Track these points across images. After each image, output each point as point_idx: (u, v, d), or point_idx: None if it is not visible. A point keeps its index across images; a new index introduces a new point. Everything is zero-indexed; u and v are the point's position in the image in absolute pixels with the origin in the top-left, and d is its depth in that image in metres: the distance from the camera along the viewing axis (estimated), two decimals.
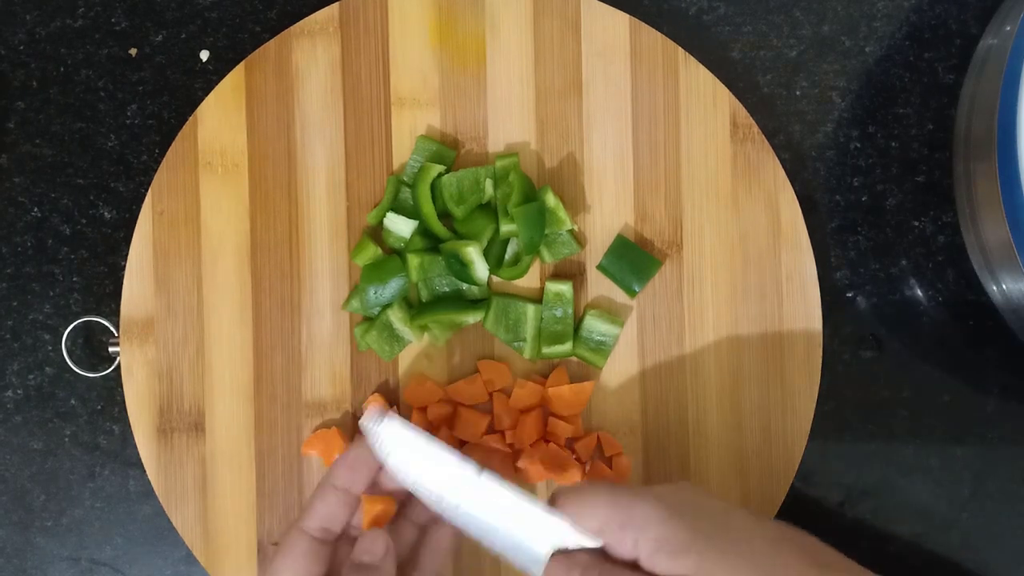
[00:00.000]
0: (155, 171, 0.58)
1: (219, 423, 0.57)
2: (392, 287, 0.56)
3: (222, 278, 0.58)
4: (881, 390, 0.59)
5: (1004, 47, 0.53)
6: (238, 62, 0.58)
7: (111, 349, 0.58)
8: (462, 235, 0.56)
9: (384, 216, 0.56)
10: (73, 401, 0.61)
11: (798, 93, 0.59)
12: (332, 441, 0.56)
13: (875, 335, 0.59)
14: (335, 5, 0.58)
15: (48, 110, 0.61)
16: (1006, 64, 0.51)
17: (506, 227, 0.55)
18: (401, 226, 0.56)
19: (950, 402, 0.59)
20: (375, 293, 0.56)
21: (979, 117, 0.55)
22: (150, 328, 0.58)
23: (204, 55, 0.61)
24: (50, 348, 0.61)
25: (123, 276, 0.58)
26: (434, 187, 0.56)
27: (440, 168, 0.56)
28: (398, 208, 0.56)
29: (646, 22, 0.57)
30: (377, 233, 0.57)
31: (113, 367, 0.58)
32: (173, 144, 0.58)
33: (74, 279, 0.61)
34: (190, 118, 0.58)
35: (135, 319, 0.58)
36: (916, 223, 0.59)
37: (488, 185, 0.56)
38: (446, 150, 0.57)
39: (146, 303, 0.58)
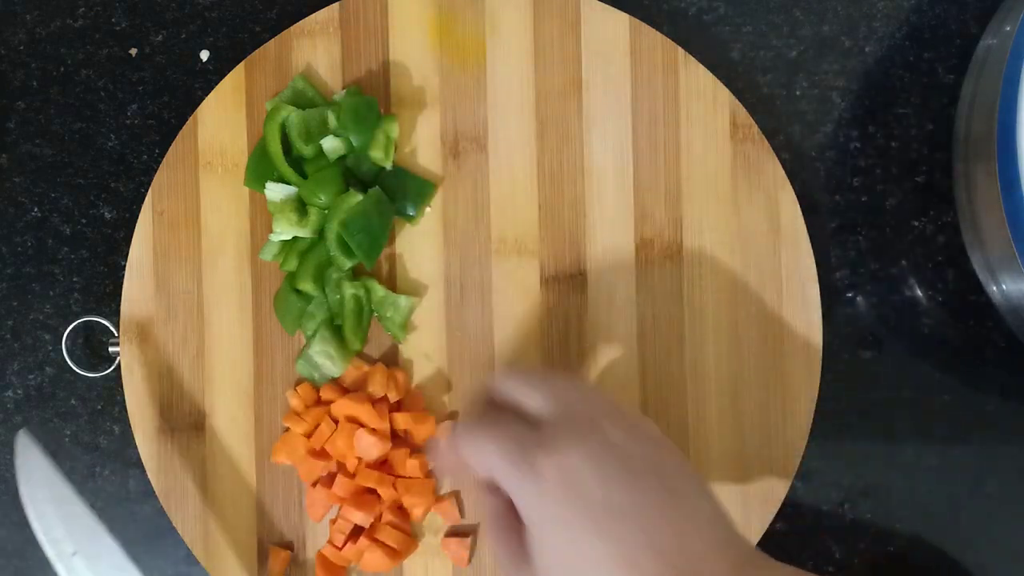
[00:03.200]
0: (155, 171, 0.58)
1: (219, 423, 0.57)
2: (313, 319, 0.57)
3: (222, 278, 0.58)
4: (881, 390, 0.59)
5: (1004, 47, 0.52)
6: (238, 62, 0.58)
7: (111, 349, 0.58)
8: (311, 181, 0.56)
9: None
10: (73, 401, 0.61)
11: (798, 93, 0.59)
12: (296, 446, 0.56)
13: (875, 335, 0.59)
14: (335, 5, 0.58)
15: (48, 110, 0.61)
16: (1006, 64, 0.51)
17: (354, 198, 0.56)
18: (276, 193, 0.56)
19: (950, 402, 0.59)
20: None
21: (979, 117, 0.54)
22: (150, 328, 0.58)
23: (204, 55, 0.61)
24: (50, 348, 0.61)
25: (123, 276, 0.58)
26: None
27: (291, 108, 0.56)
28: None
29: (646, 22, 0.57)
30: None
31: (113, 367, 0.58)
32: (173, 144, 0.58)
33: (74, 279, 0.61)
34: (190, 118, 0.58)
35: (135, 319, 0.58)
36: (916, 223, 0.59)
37: (331, 119, 0.56)
38: (320, 98, 0.57)
39: (146, 303, 0.58)
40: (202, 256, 0.58)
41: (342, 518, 0.56)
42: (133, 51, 0.61)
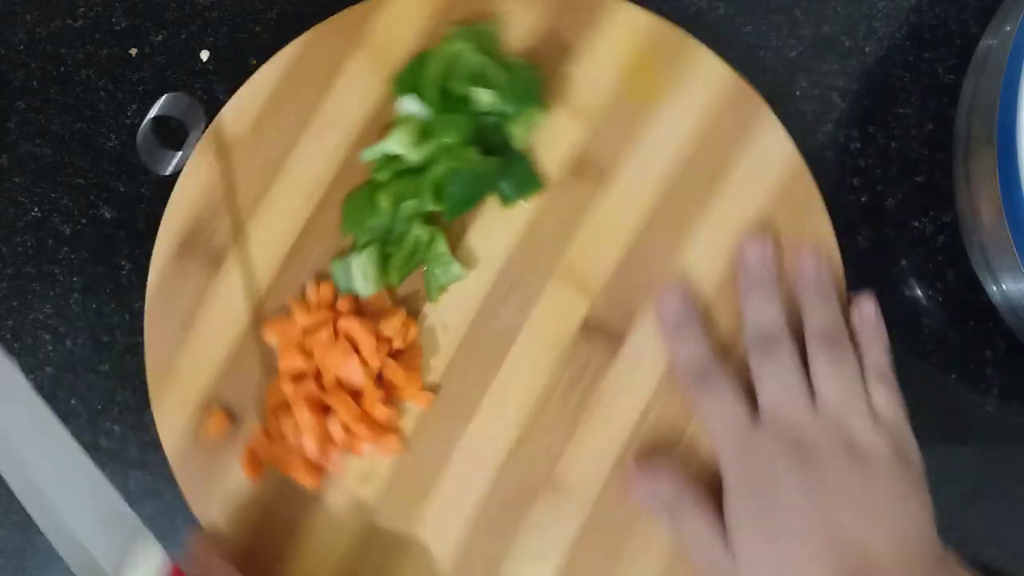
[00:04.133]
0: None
1: (235, 271, 0.58)
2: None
3: (320, 142, 0.58)
4: None
5: (1004, 47, 0.53)
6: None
7: (179, 153, 0.59)
8: (448, 117, 0.55)
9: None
10: (73, 401, 0.61)
11: (798, 93, 0.59)
12: (290, 333, 0.56)
13: None
14: None
15: (48, 110, 0.61)
16: (1006, 64, 0.51)
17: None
18: (410, 106, 0.56)
19: (950, 402, 0.59)
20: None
21: (979, 117, 0.55)
22: (231, 148, 0.58)
23: (204, 55, 0.61)
24: (50, 348, 0.61)
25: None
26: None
27: (471, 45, 0.56)
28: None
29: None
30: None
31: (173, 167, 0.58)
32: (339, 15, 0.58)
33: (74, 279, 0.61)
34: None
35: (223, 133, 0.58)
36: (916, 223, 0.59)
37: (495, 75, 0.55)
38: (497, 52, 0.57)
39: (242, 120, 0.58)
40: (314, 116, 0.57)
41: (291, 415, 0.56)
42: (133, 51, 0.61)
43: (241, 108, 0.58)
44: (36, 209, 0.61)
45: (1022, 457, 0.58)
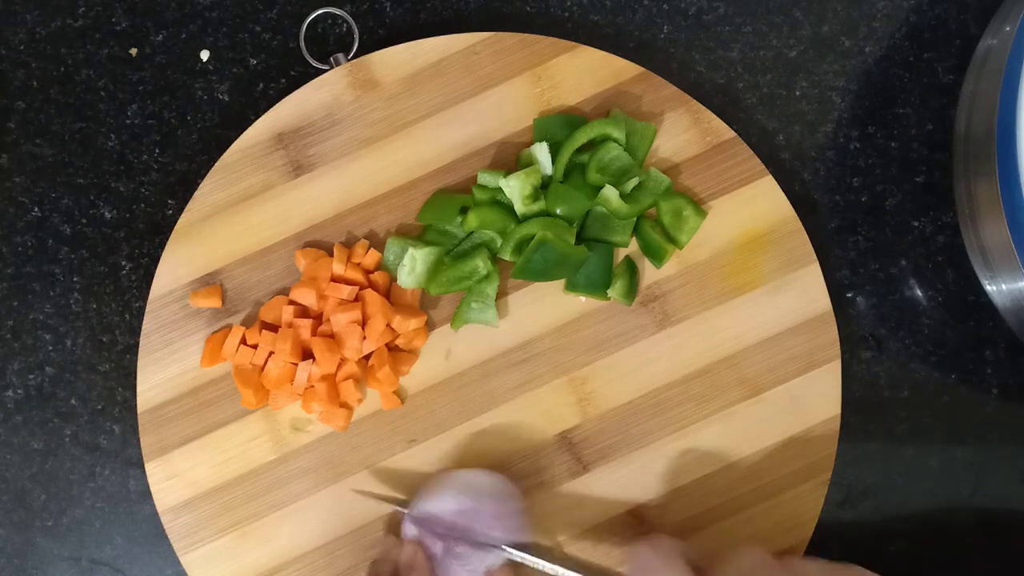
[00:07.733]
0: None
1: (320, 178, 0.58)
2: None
3: (437, 133, 0.58)
4: (881, 390, 0.59)
5: (1004, 47, 0.53)
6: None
7: (334, 57, 0.58)
8: (569, 189, 0.55)
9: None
10: (73, 401, 0.61)
11: (798, 93, 0.59)
12: (318, 266, 0.56)
13: (875, 335, 0.59)
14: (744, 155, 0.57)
15: (48, 110, 0.61)
16: (1006, 64, 0.51)
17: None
18: (540, 156, 0.55)
19: (950, 402, 0.59)
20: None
21: (979, 117, 0.55)
22: (372, 83, 0.58)
23: (204, 55, 0.61)
24: (50, 348, 0.61)
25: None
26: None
27: (616, 141, 0.56)
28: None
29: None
30: None
31: (331, 69, 0.58)
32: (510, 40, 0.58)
33: (74, 279, 0.61)
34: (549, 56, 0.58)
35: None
36: (916, 223, 0.59)
37: (631, 182, 0.55)
38: (638, 157, 0.57)
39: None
40: (459, 104, 0.57)
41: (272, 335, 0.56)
42: (133, 51, 0.61)
43: (397, 59, 0.57)
44: (36, 209, 0.61)
45: (1021, 457, 0.58)
